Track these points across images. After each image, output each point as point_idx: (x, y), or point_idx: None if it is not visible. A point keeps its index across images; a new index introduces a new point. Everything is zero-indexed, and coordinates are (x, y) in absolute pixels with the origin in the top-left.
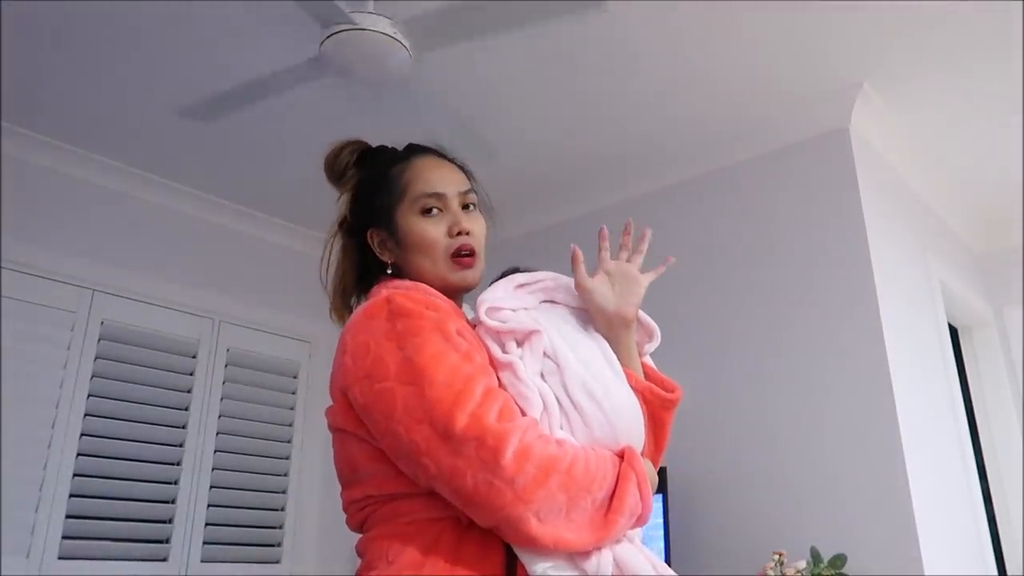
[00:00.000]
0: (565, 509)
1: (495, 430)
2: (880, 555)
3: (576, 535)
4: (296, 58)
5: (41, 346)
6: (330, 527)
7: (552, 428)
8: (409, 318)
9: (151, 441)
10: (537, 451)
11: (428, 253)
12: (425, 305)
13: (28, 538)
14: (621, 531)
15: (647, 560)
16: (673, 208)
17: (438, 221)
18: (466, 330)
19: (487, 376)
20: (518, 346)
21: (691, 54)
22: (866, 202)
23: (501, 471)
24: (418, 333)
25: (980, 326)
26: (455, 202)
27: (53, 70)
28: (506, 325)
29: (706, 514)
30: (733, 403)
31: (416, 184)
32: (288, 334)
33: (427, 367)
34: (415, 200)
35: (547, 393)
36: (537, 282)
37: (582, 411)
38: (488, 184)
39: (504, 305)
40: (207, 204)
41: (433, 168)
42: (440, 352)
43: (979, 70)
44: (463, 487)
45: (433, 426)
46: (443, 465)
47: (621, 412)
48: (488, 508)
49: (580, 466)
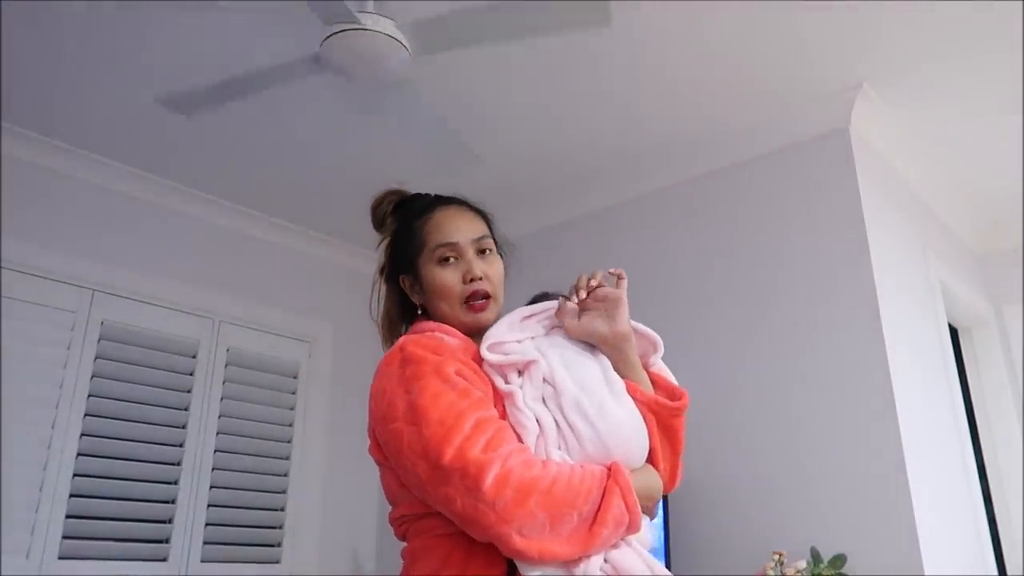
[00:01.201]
0: (548, 524)
1: (476, 460)
2: (880, 555)
3: (562, 547)
4: (296, 54)
5: (41, 346)
6: (330, 527)
7: (548, 449)
8: (415, 364)
9: (151, 441)
10: (516, 476)
11: (445, 298)
12: (432, 350)
13: (28, 538)
14: (608, 540)
15: (645, 564)
16: (673, 208)
17: (454, 269)
18: (468, 368)
19: (481, 409)
20: (519, 376)
21: (691, 55)
22: (866, 202)
23: (483, 496)
24: (421, 377)
25: (980, 326)
26: (470, 250)
27: (53, 70)
28: (507, 358)
29: (706, 514)
30: (733, 403)
31: (434, 235)
32: (288, 334)
33: (425, 408)
34: (433, 251)
35: (545, 417)
36: (544, 311)
37: (576, 431)
38: (495, 185)
39: (507, 339)
40: (207, 204)
41: (451, 219)
42: (437, 393)
43: (979, 70)
44: (456, 510)
45: (427, 460)
46: (438, 493)
47: (615, 428)
48: (478, 527)
49: (561, 484)
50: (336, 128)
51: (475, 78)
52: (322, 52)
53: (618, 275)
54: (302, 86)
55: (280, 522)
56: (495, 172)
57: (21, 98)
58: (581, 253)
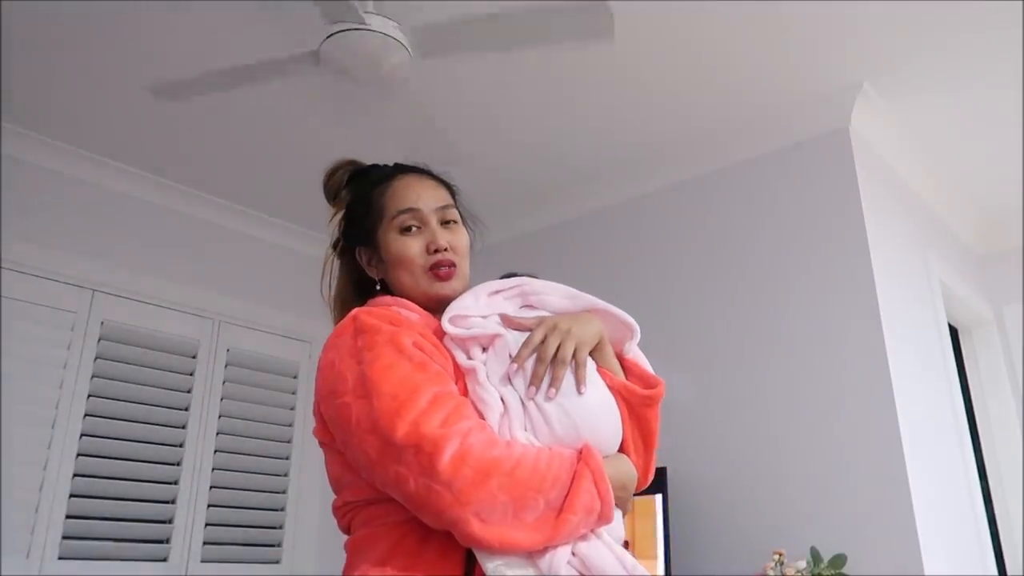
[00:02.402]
0: (511, 510)
1: (432, 436)
2: (880, 555)
3: (526, 535)
4: (296, 52)
5: (41, 346)
6: (330, 527)
7: (513, 429)
8: (368, 334)
9: (151, 441)
10: (475, 454)
11: (407, 268)
12: (387, 320)
13: (28, 538)
14: (577, 530)
15: (617, 559)
16: (673, 208)
17: (416, 238)
18: (427, 340)
19: (439, 384)
20: (483, 351)
21: (691, 55)
22: (866, 202)
23: (438, 475)
24: (373, 347)
25: (980, 326)
26: (433, 218)
27: (53, 70)
28: (469, 332)
29: (706, 514)
30: (733, 403)
31: (394, 202)
32: (288, 334)
33: (377, 380)
34: (393, 218)
35: (510, 395)
36: (514, 287)
37: (544, 411)
38: (496, 186)
39: (471, 313)
40: (208, 204)
41: (412, 186)
42: (391, 364)
43: (979, 70)
44: (408, 492)
45: (378, 435)
46: (389, 472)
47: (587, 411)
48: (431, 511)
49: (527, 467)
50: (338, 129)
51: (475, 78)
52: (322, 51)
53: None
54: (303, 85)
55: (280, 522)
56: (495, 172)
57: (21, 98)
58: (581, 253)
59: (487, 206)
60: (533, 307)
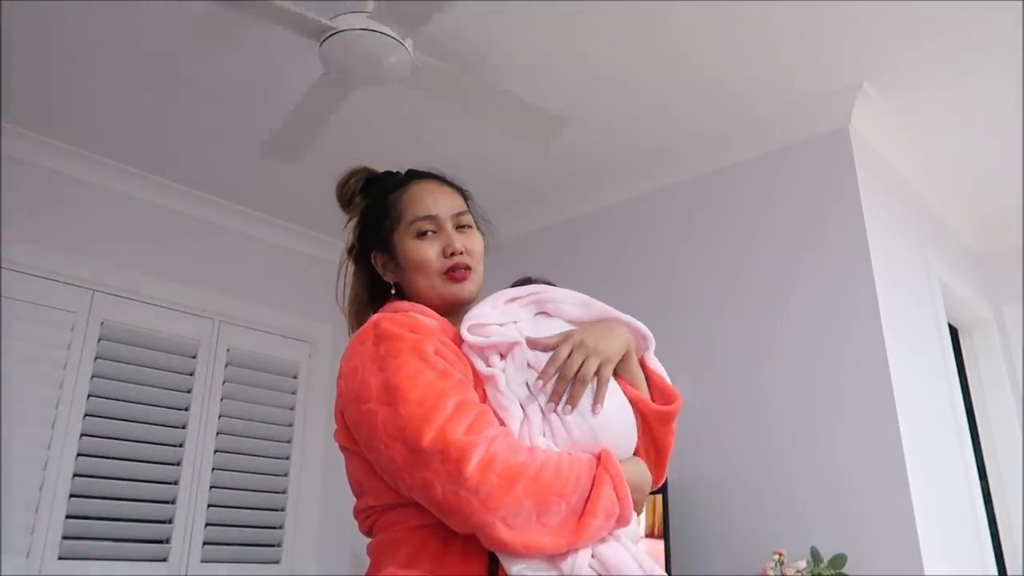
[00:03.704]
0: (535, 514)
1: (458, 443)
2: (880, 555)
3: (550, 539)
4: (295, 54)
5: (41, 346)
6: (330, 527)
7: (533, 436)
8: (391, 341)
9: (151, 441)
10: (501, 460)
11: (424, 273)
12: (409, 328)
13: (28, 538)
14: (598, 533)
15: (634, 559)
16: (673, 208)
17: (433, 242)
18: (448, 348)
19: (462, 391)
20: (501, 359)
21: (691, 55)
22: (866, 202)
23: (465, 481)
24: (397, 355)
25: (980, 326)
26: (449, 224)
27: (53, 70)
28: (488, 340)
29: (706, 514)
30: (733, 403)
31: (411, 208)
32: (288, 334)
33: (402, 387)
34: (410, 223)
35: (530, 402)
36: (530, 295)
37: (563, 417)
38: (496, 185)
39: (489, 321)
40: (208, 204)
41: (428, 192)
42: (415, 372)
43: (979, 70)
44: (434, 498)
45: (405, 442)
46: (415, 478)
47: (604, 416)
48: (459, 516)
49: (549, 472)
50: (338, 129)
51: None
52: (322, 51)
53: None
54: (303, 85)
55: (280, 522)
56: (496, 172)
57: (21, 98)
58: (581, 253)
59: (487, 206)
60: (549, 315)
